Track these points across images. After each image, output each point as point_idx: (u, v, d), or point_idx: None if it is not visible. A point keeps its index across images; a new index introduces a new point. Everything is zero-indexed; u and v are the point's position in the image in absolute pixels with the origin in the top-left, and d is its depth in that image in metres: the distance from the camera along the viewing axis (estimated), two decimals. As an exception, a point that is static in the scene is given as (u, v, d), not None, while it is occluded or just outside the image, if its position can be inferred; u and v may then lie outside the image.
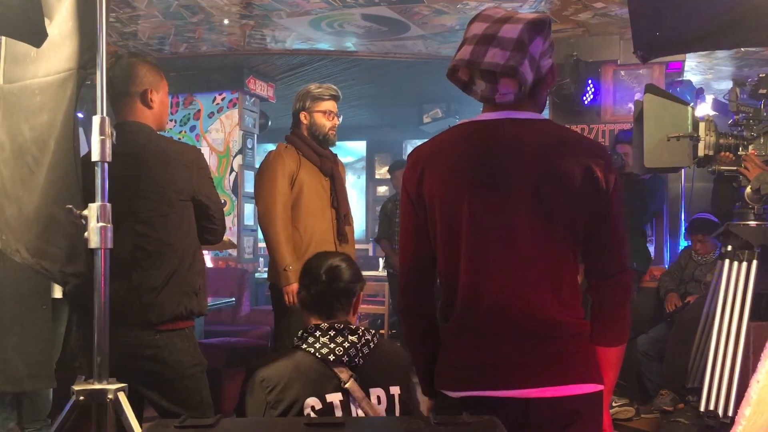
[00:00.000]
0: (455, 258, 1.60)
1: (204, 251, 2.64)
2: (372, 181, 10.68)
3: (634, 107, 3.71)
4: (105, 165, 1.90)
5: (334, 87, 3.49)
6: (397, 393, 2.05)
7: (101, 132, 1.88)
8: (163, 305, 2.32)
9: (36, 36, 2.01)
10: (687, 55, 5.40)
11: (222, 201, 2.59)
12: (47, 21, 2.04)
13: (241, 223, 7.08)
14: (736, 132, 3.43)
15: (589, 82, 5.30)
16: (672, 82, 5.42)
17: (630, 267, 1.69)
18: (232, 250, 6.83)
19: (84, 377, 1.97)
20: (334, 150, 3.54)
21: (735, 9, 2.43)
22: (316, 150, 3.42)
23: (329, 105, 3.44)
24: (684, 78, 5.76)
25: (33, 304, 3.38)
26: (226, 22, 5.30)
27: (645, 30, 2.49)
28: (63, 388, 2.80)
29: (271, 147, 3.62)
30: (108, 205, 1.89)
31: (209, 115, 7.18)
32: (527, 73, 1.55)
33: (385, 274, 6.68)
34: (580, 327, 1.60)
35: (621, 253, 1.64)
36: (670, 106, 3.30)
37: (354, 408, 1.97)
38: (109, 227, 1.89)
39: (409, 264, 1.70)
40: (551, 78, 1.66)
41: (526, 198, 1.56)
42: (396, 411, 2.04)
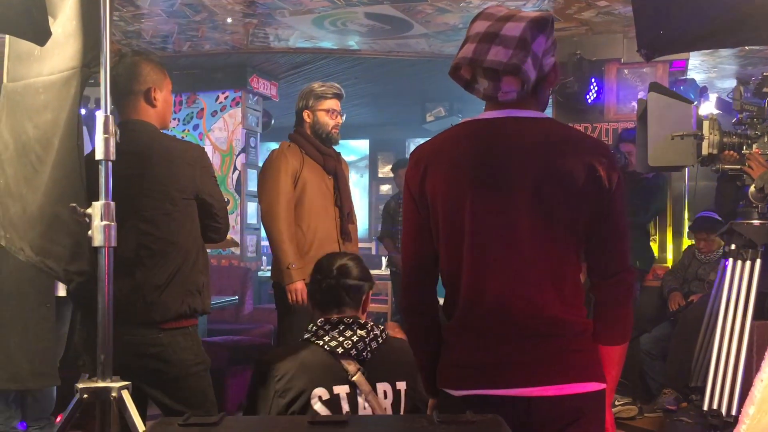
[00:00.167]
0: (458, 256, 1.60)
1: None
2: (375, 180, 10.68)
3: (637, 106, 3.71)
4: (109, 163, 1.91)
5: (337, 85, 3.49)
6: (404, 388, 2.07)
7: (105, 130, 1.89)
8: (167, 304, 2.33)
9: (40, 34, 2.02)
10: (690, 54, 5.39)
11: (225, 199, 2.58)
12: (51, 19, 2.05)
13: (244, 222, 7.09)
14: (740, 131, 3.42)
15: (593, 80, 5.29)
16: (675, 80, 5.41)
17: (632, 266, 1.69)
18: (234, 248, 6.84)
19: (88, 375, 1.97)
20: (337, 148, 3.54)
21: (739, 7, 2.43)
22: (319, 148, 3.42)
23: (332, 103, 3.44)
24: (687, 77, 5.75)
25: (36, 302, 3.39)
26: (229, 20, 5.31)
27: (649, 28, 2.48)
28: (67, 386, 2.81)
29: (274, 145, 3.62)
30: (112, 204, 1.90)
31: (212, 114, 7.18)
32: (530, 72, 1.54)
33: (388, 272, 6.68)
34: (582, 325, 1.60)
35: (623, 252, 1.64)
36: (674, 104, 3.30)
37: (361, 401, 1.99)
38: (113, 225, 1.90)
39: (412, 262, 1.71)
40: (554, 76, 1.66)
41: (528, 197, 1.56)
42: (402, 406, 2.06)
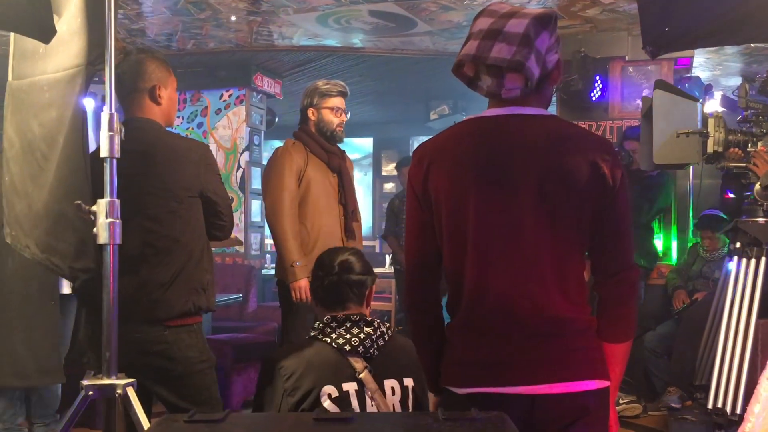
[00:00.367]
0: (461, 255, 1.60)
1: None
2: (379, 178, 10.67)
3: (641, 103, 3.69)
4: (113, 161, 1.91)
5: (342, 83, 3.49)
6: (411, 385, 2.07)
7: (110, 128, 1.89)
8: (172, 301, 2.33)
9: (45, 32, 2.02)
10: (695, 52, 5.38)
11: (229, 197, 2.58)
12: (56, 17, 2.05)
13: (248, 220, 7.09)
14: (745, 128, 3.41)
15: (597, 78, 5.28)
16: (680, 78, 5.39)
17: (636, 263, 1.68)
18: (238, 246, 6.85)
19: (93, 372, 1.97)
20: (341, 146, 3.54)
21: (744, 5, 2.42)
22: (323, 146, 3.42)
23: (337, 101, 3.44)
24: (692, 74, 5.74)
25: (41, 300, 3.41)
26: (233, 18, 5.31)
27: (654, 25, 2.48)
28: (71, 383, 2.82)
29: (278, 143, 3.62)
30: (116, 201, 1.90)
31: (216, 112, 7.19)
32: (533, 68, 1.54)
33: (392, 270, 6.67)
34: (586, 323, 1.60)
35: (627, 250, 1.64)
36: (679, 101, 3.29)
37: (368, 398, 2.00)
38: (118, 223, 1.90)
39: (415, 261, 1.70)
40: (557, 73, 1.65)
41: (532, 194, 1.55)
42: (409, 402, 2.07)
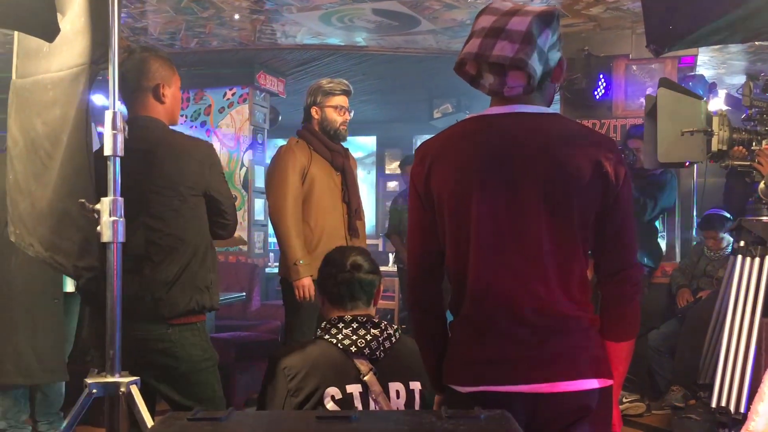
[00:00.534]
0: (464, 253, 1.59)
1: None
2: (382, 177, 10.67)
3: (645, 102, 3.68)
4: (117, 159, 1.91)
5: (345, 82, 3.49)
6: (418, 388, 2.05)
7: (113, 126, 1.89)
8: (175, 300, 2.33)
9: (48, 31, 2.02)
10: (700, 50, 5.37)
11: (233, 196, 2.59)
12: (60, 16, 2.05)
13: (252, 218, 7.10)
14: (749, 127, 3.40)
15: (601, 76, 5.27)
16: (684, 76, 5.37)
17: (639, 262, 1.68)
18: (242, 245, 6.86)
19: (97, 370, 1.98)
20: (344, 145, 3.54)
21: (748, 3, 2.42)
22: (327, 145, 3.42)
23: (340, 100, 3.44)
24: (696, 73, 5.72)
25: (45, 298, 3.42)
26: (236, 17, 5.31)
27: (658, 24, 2.48)
28: (75, 381, 2.82)
29: (281, 142, 3.62)
30: (120, 200, 1.90)
31: (219, 111, 7.19)
32: (536, 66, 1.54)
33: (395, 269, 6.68)
34: (589, 322, 1.60)
35: (630, 248, 1.64)
36: (684, 100, 3.28)
37: (372, 401, 1.98)
38: (122, 221, 1.90)
39: (418, 259, 1.70)
40: (560, 71, 1.65)
41: (534, 193, 1.55)
42: (415, 405, 2.04)
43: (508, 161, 1.57)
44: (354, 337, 2.02)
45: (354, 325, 2.05)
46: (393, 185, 10.36)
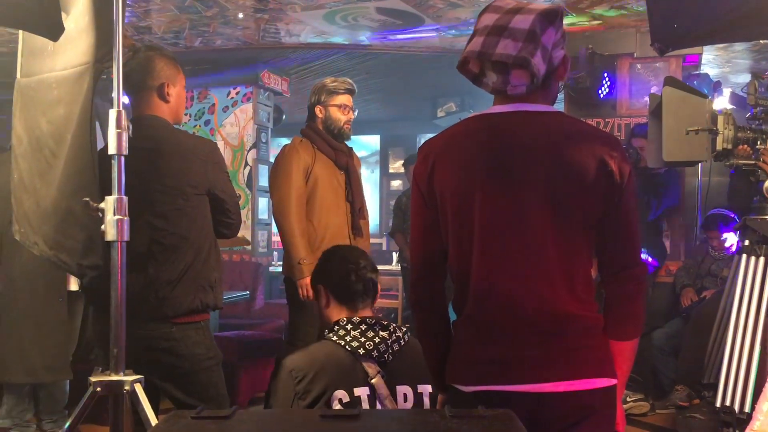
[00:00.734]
0: (467, 252, 1.59)
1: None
2: (386, 176, 10.68)
3: (650, 101, 3.67)
4: (121, 158, 1.91)
5: (349, 81, 3.49)
6: (427, 391, 2.02)
7: (118, 125, 1.89)
8: (179, 299, 2.33)
9: (53, 30, 2.02)
10: (704, 49, 5.35)
11: (237, 195, 2.59)
12: (64, 15, 2.06)
13: (256, 217, 7.10)
14: (754, 125, 3.39)
15: (605, 75, 5.26)
16: (689, 75, 5.36)
17: (643, 261, 1.67)
18: (246, 245, 6.86)
19: (101, 369, 1.98)
20: (348, 144, 3.54)
21: (752, 1, 2.41)
22: (331, 144, 3.42)
23: (344, 99, 3.44)
24: (701, 71, 5.71)
25: (49, 296, 3.43)
26: (240, 16, 5.31)
27: (662, 22, 2.47)
28: (79, 380, 2.83)
29: (285, 141, 3.62)
30: (124, 198, 1.90)
31: (223, 110, 7.20)
32: (539, 65, 1.53)
33: (399, 268, 6.68)
34: (593, 321, 1.59)
35: (634, 247, 1.63)
36: (689, 98, 3.26)
37: (379, 404, 1.96)
38: (126, 220, 1.90)
39: (421, 258, 1.70)
40: (563, 69, 1.64)
41: (538, 192, 1.54)
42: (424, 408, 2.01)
43: (511, 160, 1.57)
44: (362, 339, 1.99)
45: (362, 327, 2.01)
46: (397, 184, 10.36)
